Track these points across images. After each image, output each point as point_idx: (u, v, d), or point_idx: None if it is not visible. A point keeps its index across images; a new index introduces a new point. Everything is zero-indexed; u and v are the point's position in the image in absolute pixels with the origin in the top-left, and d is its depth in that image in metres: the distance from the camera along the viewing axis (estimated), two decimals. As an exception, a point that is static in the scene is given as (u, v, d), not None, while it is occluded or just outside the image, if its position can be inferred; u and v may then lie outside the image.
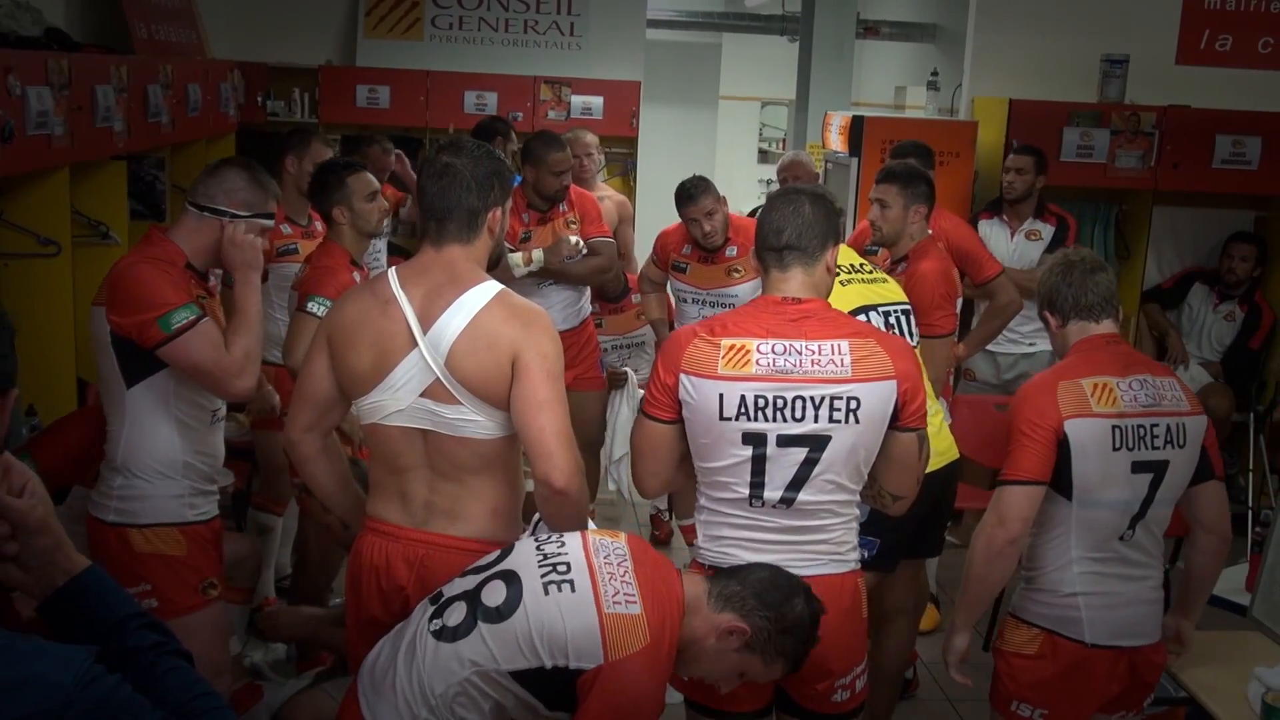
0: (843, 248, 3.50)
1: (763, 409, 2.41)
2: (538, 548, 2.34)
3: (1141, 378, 2.67)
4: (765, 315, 2.48)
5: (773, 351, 2.42)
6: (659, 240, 5.00)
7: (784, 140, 13.56)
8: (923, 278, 3.98)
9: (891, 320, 3.39)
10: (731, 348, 2.43)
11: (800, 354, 2.43)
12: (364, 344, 2.49)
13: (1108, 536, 2.65)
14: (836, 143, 6.17)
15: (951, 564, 4.88)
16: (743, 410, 2.41)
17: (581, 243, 4.70)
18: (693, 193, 4.75)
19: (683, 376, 2.44)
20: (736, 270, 4.80)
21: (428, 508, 2.54)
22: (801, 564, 2.49)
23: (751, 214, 5.39)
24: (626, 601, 2.20)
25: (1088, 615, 2.66)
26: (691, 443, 2.50)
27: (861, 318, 3.28)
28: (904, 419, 2.49)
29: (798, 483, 2.46)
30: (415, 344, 2.45)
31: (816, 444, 2.44)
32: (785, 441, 2.43)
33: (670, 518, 5.61)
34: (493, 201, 2.52)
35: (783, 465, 2.44)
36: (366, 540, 2.58)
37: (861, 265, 3.50)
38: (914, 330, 3.49)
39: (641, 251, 5.82)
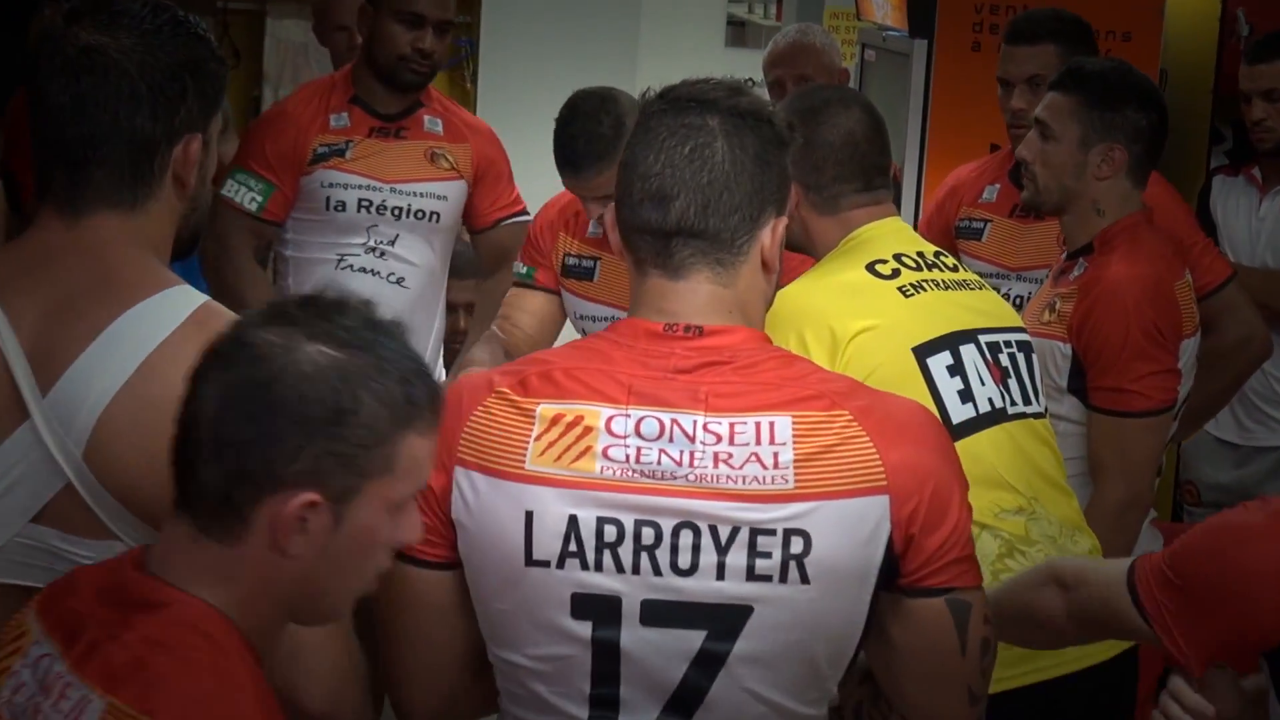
0: (898, 225, 3.63)
1: (612, 545, 2.49)
2: None
3: None
4: (627, 358, 2.57)
5: (637, 433, 2.50)
6: (538, 221, 4.89)
7: (778, 5, 13.58)
8: (1111, 295, 4.01)
9: (1002, 360, 3.47)
10: (557, 419, 2.52)
11: (691, 439, 2.50)
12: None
13: None
14: (883, 11, 6.23)
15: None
16: (573, 547, 2.50)
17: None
18: (578, 158, 4.37)
19: (460, 472, 2.54)
20: None
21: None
22: None
23: None
24: None
25: None
26: (479, 609, 2.60)
27: (944, 356, 3.39)
28: (913, 570, 2.53)
29: (688, 700, 2.52)
30: (24, 415, 2.47)
31: (721, 622, 2.50)
32: (658, 616, 2.50)
33: None
34: (183, 123, 2.55)
35: (655, 664, 2.52)
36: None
37: (936, 256, 3.58)
38: (1038, 386, 3.55)
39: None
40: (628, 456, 2.48)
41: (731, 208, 2.54)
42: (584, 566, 2.49)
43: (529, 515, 2.50)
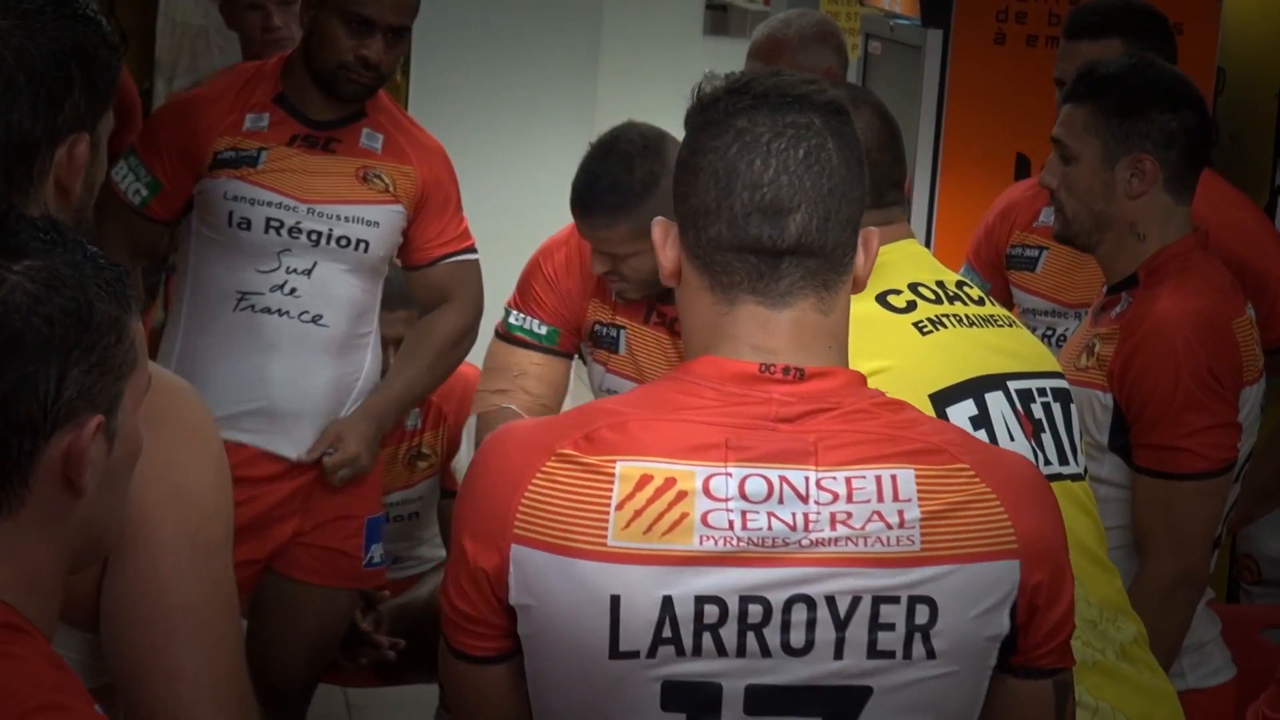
0: (914, 249, 3.69)
1: (712, 627, 2.50)
2: None
3: None
4: (717, 405, 2.56)
5: (741, 495, 2.50)
6: (540, 268, 4.92)
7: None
8: (1157, 335, 4.00)
9: (1035, 410, 3.50)
10: (643, 482, 2.51)
11: (804, 499, 2.51)
12: None
13: None
14: (892, -7, 6.31)
15: None
16: (667, 633, 2.50)
17: None
18: (592, 201, 4.47)
19: (519, 552, 2.52)
20: None
21: None
22: None
23: None
24: None
25: None
26: (537, 705, 2.62)
27: (966, 405, 3.40)
28: (1031, 647, 2.60)
29: None
30: None
31: (837, 708, 2.55)
32: (765, 704, 2.53)
33: None
34: (68, 121, 2.55)
35: None
36: None
37: (959, 287, 3.61)
38: (1077, 442, 3.58)
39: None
40: (731, 523, 2.48)
41: (846, 219, 2.57)
42: (679, 653, 2.50)
43: (615, 600, 2.49)
